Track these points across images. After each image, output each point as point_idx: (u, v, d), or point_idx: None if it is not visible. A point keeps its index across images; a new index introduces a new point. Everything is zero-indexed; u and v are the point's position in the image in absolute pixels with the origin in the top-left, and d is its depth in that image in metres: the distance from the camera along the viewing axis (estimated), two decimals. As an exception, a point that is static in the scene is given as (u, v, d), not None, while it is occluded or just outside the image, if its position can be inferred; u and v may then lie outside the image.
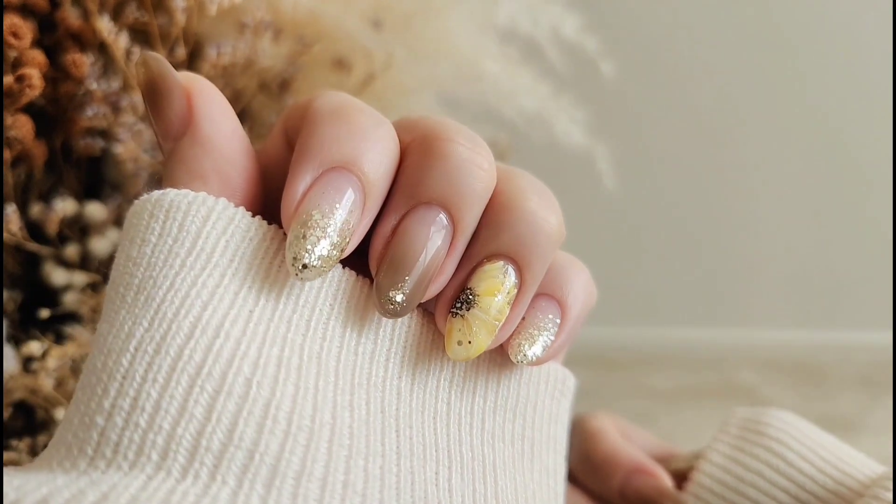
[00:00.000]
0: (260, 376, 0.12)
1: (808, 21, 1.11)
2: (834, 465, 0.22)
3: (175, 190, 0.14)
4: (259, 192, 0.15)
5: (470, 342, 0.15)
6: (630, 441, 0.26)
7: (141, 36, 0.31)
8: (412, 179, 0.15)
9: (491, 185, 0.15)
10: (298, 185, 0.14)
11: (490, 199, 0.15)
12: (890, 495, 0.20)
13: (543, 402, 0.17)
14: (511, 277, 0.15)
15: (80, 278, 0.30)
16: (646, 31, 1.10)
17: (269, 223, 0.15)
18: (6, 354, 0.28)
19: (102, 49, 0.31)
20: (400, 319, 0.16)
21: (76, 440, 0.12)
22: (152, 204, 0.14)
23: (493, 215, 0.15)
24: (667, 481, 0.23)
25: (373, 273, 0.15)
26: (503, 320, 0.15)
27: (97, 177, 0.34)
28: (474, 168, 0.15)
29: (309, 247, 0.13)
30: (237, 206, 0.14)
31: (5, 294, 0.30)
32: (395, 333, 0.16)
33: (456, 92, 0.37)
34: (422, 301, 0.15)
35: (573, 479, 0.25)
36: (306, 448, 0.12)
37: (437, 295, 0.16)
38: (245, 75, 0.33)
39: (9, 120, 0.27)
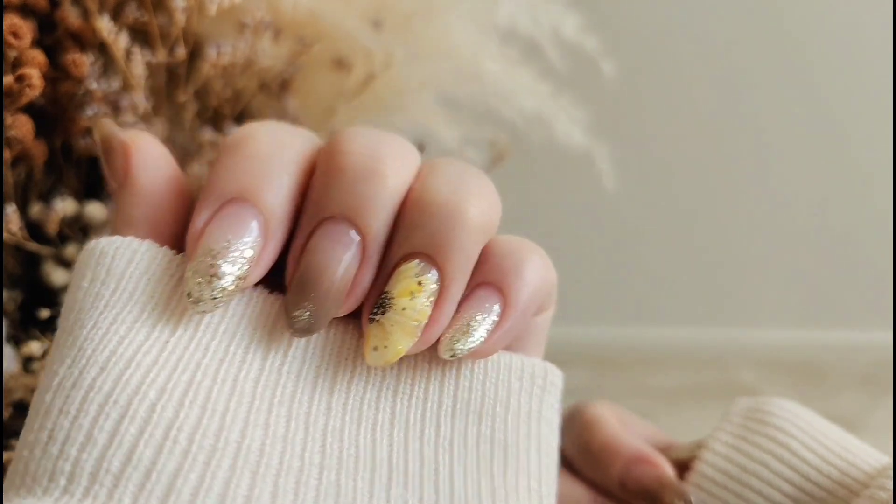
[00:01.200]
0: (165, 400, 0.13)
1: (809, 20, 1.11)
2: (839, 455, 0.22)
3: (106, 238, 0.15)
4: None
5: (386, 346, 0.15)
6: (630, 430, 0.25)
7: (141, 36, 0.31)
8: (314, 197, 0.15)
9: (398, 187, 0.15)
10: (198, 221, 0.14)
11: (403, 199, 0.15)
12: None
13: (518, 400, 0.17)
14: (432, 276, 0.15)
15: (80, 278, 0.30)
16: (646, 30, 1.10)
17: None
18: (6, 354, 0.28)
19: (102, 49, 0.31)
20: (334, 333, 0.16)
21: (11, 473, 0.13)
22: (87, 253, 0.15)
23: (405, 215, 0.15)
24: (668, 470, 0.23)
25: None
26: (424, 320, 0.15)
27: (97, 177, 0.34)
28: (371, 175, 0.15)
29: (200, 280, 0.14)
30: (164, 246, 0.15)
31: (5, 294, 0.30)
32: (326, 349, 0.16)
33: (456, 92, 0.37)
34: (338, 316, 0.15)
35: (571, 468, 0.25)
36: (206, 465, 0.13)
37: (363, 305, 0.15)
38: (245, 75, 0.33)
39: (9, 120, 0.27)
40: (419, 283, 0.15)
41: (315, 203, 0.15)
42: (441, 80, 0.36)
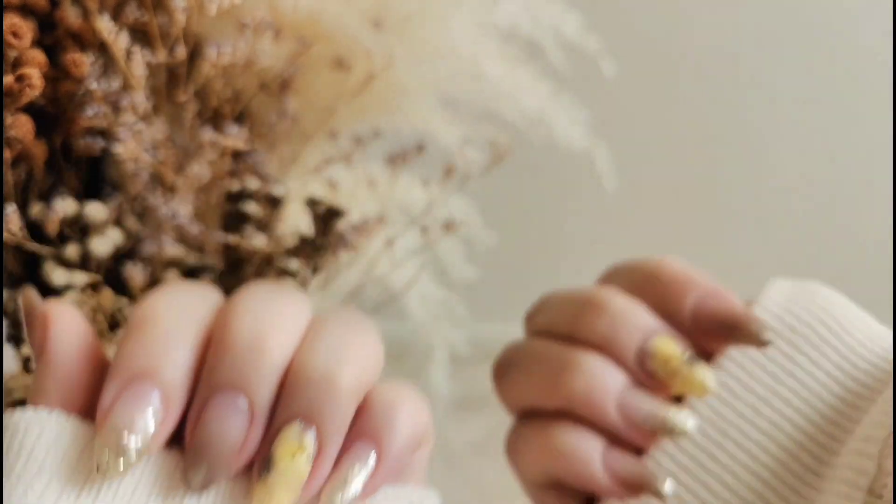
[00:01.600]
0: None
1: (810, 20, 1.11)
2: (882, 336, 0.22)
3: (20, 411, 0.16)
4: None
5: (270, 501, 0.16)
6: None
7: (141, 35, 0.32)
8: (207, 370, 0.17)
9: (280, 359, 0.17)
10: (105, 399, 0.16)
11: (287, 366, 0.17)
12: None
13: None
14: (311, 436, 0.16)
15: (80, 278, 0.30)
16: (646, 31, 1.10)
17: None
18: (6, 354, 0.28)
19: (102, 49, 0.31)
20: (229, 485, 0.17)
21: None
22: (5, 427, 0.16)
23: (287, 384, 0.17)
24: (739, 303, 0.22)
25: None
26: (305, 478, 0.16)
27: (97, 177, 0.34)
28: (256, 352, 0.17)
29: (107, 452, 0.16)
30: (75, 413, 0.17)
31: (5, 294, 0.30)
32: (218, 498, 0.17)
33: (456, 92, 0.37)
34: (229, 476, 0.17)
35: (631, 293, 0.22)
36: None
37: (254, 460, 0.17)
38: (245, 75, 0.33)
39: (9, 120, 0.27)
40: (300, 444, 0.16)
41: (208, 375, 0.17)
42: (441, 80, 0.36)
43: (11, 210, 0.28)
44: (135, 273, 0.31)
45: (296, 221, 0.37)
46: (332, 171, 0.37)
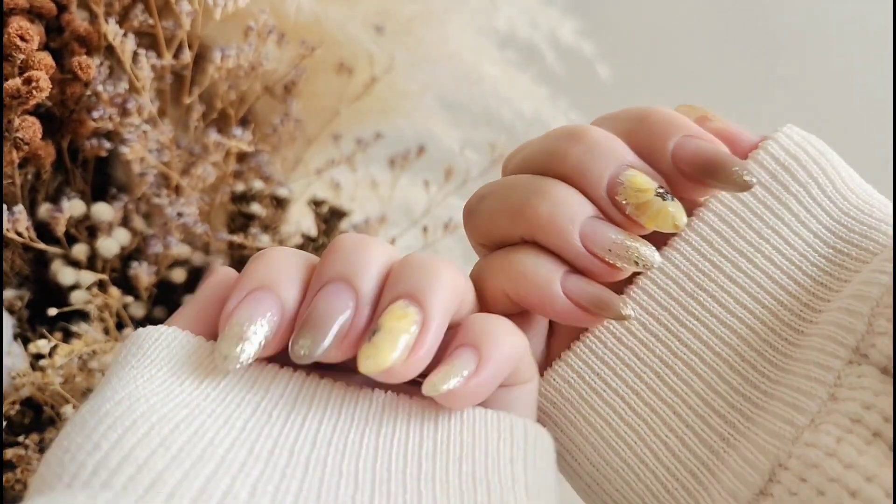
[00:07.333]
0: (163, 423, 0.16)
1: (808, 25, 1.12)
2: (881, 202, 0.21)
3: (142, 328, 0.19)
4: None
5: (376, 355, 0.17)
6: None
7: (147, 39, 0.32)
8: (317, 273, 0.18)
9: (384, 258, 0.18)
10: (229, 305, 0.18)
11: (388, 270, 0.18)
12: None
13: (497, 447, 0.18)
14: (415, 309, 0.17)
15: (87, 277, 0.31)
16: (642, 34, 1.11)
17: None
18: (15, 352, 0.29)
19: (109, 52, 0.31)
20: (338, 386, 0.18)
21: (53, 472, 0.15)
22: (127, 338, 0.19)
23: (392, 273, 0.18)
24: (724, 147, 0.21)
25: None
26: (409, 336, 0.17)
27: (104, 178, 0.35)
28: (362, 248, 0.18)
29: (230, 342, 0.17)
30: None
31: (14, 293, 0.31)
32: (316, 396, 0.18)
33: (456, 95, 0.38)
34: (335, 358, 0.17)
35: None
36: (190, 467, 0.15)
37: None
38: (249, 78, 0.33)
39: (17, 122, 0.28)
40: (405, 312, 0.17)
41: (318, 275, 0.18)
42: (441, 83, 0.37)
43: (19, 210, 0.29)
44: (141, 272, 0.31)
45: (300, 221, 0.37)
46: (335, 173, 0.37)
